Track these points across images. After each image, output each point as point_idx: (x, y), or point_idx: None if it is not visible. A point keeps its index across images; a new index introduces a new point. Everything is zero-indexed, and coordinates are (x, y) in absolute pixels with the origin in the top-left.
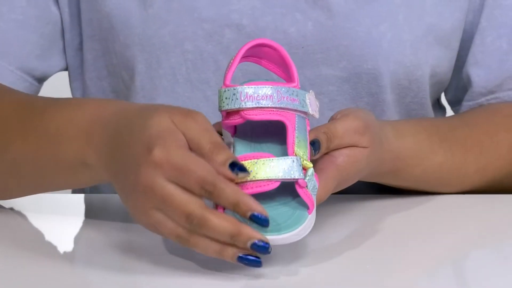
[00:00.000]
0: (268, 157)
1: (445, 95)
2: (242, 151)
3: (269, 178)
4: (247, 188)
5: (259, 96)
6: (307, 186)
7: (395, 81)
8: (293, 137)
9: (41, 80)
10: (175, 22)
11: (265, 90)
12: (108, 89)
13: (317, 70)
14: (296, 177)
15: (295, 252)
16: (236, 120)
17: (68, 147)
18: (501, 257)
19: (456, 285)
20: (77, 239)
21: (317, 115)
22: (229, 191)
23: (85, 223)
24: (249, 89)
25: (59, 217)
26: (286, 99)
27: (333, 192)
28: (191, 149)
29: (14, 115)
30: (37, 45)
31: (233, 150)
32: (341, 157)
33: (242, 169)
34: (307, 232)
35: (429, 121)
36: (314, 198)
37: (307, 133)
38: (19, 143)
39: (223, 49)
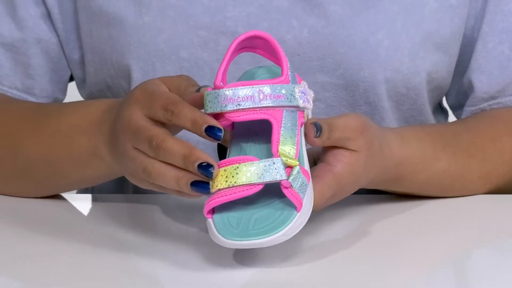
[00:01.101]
0: (251, 160)
1: (447, 100)
2: (236, 152)
3: (251, 182)
4: (230, 194)
5: (239, 98)
6: (292, 186)
7: (392, 88)
8: (278, 135)
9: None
10: (171, 30)
11: (245, 91)
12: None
13: (313, 77)
14: (278, 179)
15: (294, 252)
16: (222, 122)
17: (81, 139)
18: (501, 257)
19: (456, 285)
20: (78, 238)
21: (310, 106)
22: (188, 109)
23: (86, 222)
24: (228, 92)
25: (60, 216)
26: (270, 97)
27: (331, 202)
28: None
29: (26, 118)
30: (27, 65)
31: (229, 150)
32: (339, 165)
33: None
34: (297, 231)
35: (432, 128)
36: (303, 195)
37: (298, 128)
38: (31, 143)
39: (218, 57)
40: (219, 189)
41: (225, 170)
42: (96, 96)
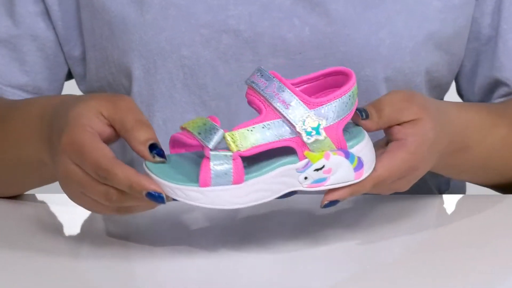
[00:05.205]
0: (213, 121)
1: (470, 98)
2: None
3: (192, 133)
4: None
5: None
6: (210, 159)
7: (393, 87)
8: (249, 124)
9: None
10: (172, 27)
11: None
12: None
13: None
14: (206, 145)
15: (297, 249)
16: None
17: (27, 147)
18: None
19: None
20: (77, 236)
21: (306, 139)
22: (121, 175)
23: (86, 220)
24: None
25: (60, 215)
26: (279, 99)
27: (413, 178)
28: (117, 130)
29: None
30: (23, 62)
31: None
32: (410, 138)
33: (160, 154)
34: (193, 203)
35: (480, 102)
36: (215, 181)
37: (275, 140)
38: None
39: (220, 55)
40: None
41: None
42: (96, 92)
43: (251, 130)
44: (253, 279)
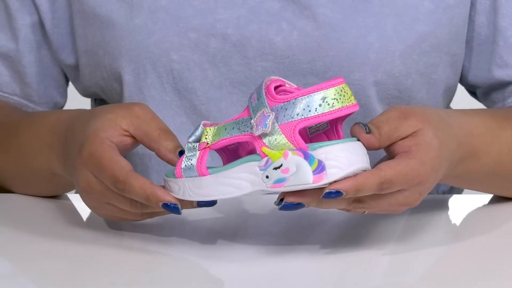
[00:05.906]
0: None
1: (478, 98)
2: None
3: None
4: None
5: None
6: (186, 153)
7: (383, 91)
8: (227, 121)
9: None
10: (161, 32)
11: None
12: (109, 102)
13: (304, 79)
14: (188, 139)
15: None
16: None
17: (38, 160)
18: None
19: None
20: (77, 234)
21: (255, 131)
22: (138, 187)
23: (86, 220)
24: None
25: (61, 214)
26: (253, 95)
27: (426, 186)
28: (138, 138)
29: None
30: (23, 74)
31: None
32: (413, 147)
33: None
34: (174, 195)
35: (484, 108)
36: (185, 173)
37: (237, 135)
38: (1, 160)
39: (208, 59)
40: None
41: None
42: (92, 96)
43: (224, 125)
44: (244, 274)
